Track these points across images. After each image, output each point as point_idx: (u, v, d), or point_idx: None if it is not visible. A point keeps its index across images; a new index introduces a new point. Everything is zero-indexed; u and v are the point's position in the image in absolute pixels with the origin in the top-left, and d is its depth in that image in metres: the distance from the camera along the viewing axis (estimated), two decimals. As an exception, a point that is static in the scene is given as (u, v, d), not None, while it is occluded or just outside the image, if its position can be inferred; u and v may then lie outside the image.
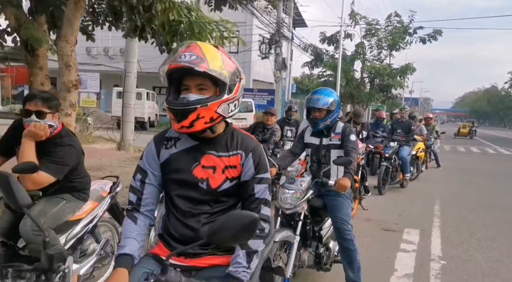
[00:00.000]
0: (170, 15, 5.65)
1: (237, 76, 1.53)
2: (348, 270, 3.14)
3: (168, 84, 1.53)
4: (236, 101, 1.55)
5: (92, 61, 29.05)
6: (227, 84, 1.46)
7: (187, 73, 1.45)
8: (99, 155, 9.30)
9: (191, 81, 1.45)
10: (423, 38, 23.18)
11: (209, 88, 1.47)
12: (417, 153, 8.99)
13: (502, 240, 4.92)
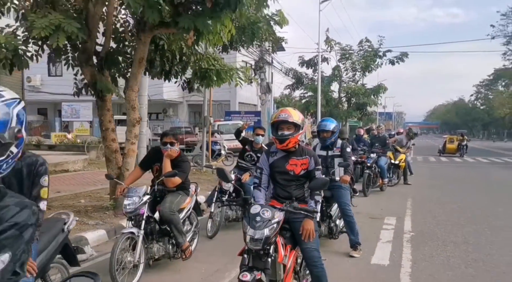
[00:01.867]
0: (201, 64, 7.49)
1: (304, 122, 3.32)
2: (350, 235, 4.93)
3: (272, 127, 3.29)
4: (304, 134, 3.33)
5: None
6: (300, 126, 3.25)
7: (283, 122, 3.22)
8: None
9: (286, 126, 3.22)
10: (392, 60, 25.75)
11: (292, 128, 3.24)
12: (400, 162, 10.97)
13: (455, 220, 6.83)
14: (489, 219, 7.00)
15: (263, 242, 2.63)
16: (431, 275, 4.25)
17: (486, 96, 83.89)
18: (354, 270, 4.40)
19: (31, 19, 5.40)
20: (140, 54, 6.57)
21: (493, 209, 7.89)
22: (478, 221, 6.83)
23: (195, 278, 4.09)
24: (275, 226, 2.70)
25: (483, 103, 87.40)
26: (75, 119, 30.12)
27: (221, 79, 7.56)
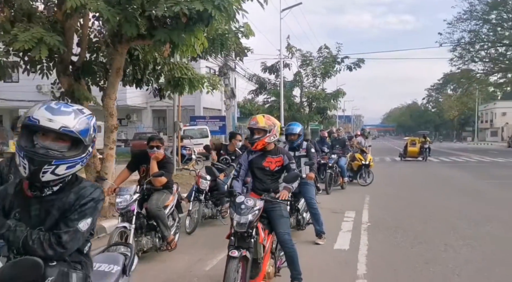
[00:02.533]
0: (174, 74, 7.96)
1: (273, 126, 3.92)
2: (316, 225, 5.60)
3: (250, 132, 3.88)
4: (273, 135, 3.91)
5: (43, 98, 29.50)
6: (267, 130, 3.83)
7: (254, 128, 3.80)
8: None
9: (256, 131, 3.80)
10: (349, 66, 27.15)
11: (261, 133, 3.83)
12: (369, 162, 11.85)
13: (405, 212, 7.72)
14: (434, 210, 7.95)
15: (247, 225, 3.20)
16: (383, 255, 4.99)
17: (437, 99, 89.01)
18: (320, 254, 5.06)
19: (14, 32, 5.68)
20: (117, 65, 6.96)
21: (441, 204, 8.88)
22: (425, 212, 7.75)
23: (180, 266, 4.58)
24: (257, 212, 3.29)
25: (434, 106, 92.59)
26: (34, 126, 29.16)
27: (194, 87, 8.07)
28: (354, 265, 4.60)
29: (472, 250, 5.21)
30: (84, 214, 1.69)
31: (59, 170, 1.66)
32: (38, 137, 1.68)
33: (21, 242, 1.60)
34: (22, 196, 1.74)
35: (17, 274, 1.47)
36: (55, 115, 1.65)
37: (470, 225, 6.69)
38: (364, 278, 4.17)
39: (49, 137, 1.68)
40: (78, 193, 1.72)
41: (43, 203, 1.72)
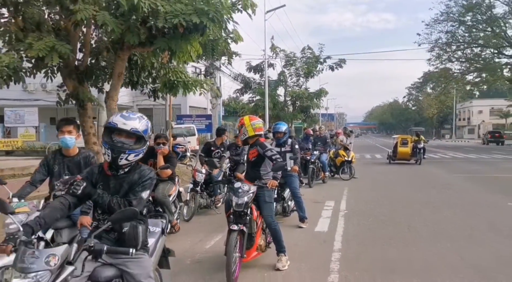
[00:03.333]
0: (170, 77, 8.67)
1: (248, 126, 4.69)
2: (299, 211, 6.44)
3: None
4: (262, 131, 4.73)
5: (29, 97, 29.53)
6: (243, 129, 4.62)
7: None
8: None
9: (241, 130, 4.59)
10: (331, 66, 28.14)
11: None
12: (352, 159, 12.73)
13: (379, 202, 8.64)
14: (404, 200, 8.91)
15: (243, 205, 4.00)
16: (356, 235, 5.86)
17: (417, 98, 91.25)
18: (303, 235, 5.90)
19: (29, 41, 6.33)
20: (118, 69, 7.65)
21: (411, 195, 9.86)
22: (395, 202, 8.70)
23: (185, 246, 5.33)
24: (251, 195, 4.10)
25: (414, 104, 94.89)
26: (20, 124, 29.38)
27: (188, 90, 8.80)
28: (331, 242, 5.45)
29: (430, 230, 6.12)
30: (144, 187, 2.48)
31: (130, 157, 2.43)
32: (115, 135, 2.44)
33: (107, 204, 2.37)
34: (104, 174, 2.51)
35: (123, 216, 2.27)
36: (127, 121, 2.41)
37: (433, 211, 7.64)
38: (339, 252, 5.02)
39: (123, 135, 2.44)
40: (140, 173, 2.50)
41: (118, 179, 2.49)
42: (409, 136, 20.00)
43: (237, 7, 7.45)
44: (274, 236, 4.44)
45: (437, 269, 4.38)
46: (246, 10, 7.54)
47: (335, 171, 12.88)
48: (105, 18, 6.51)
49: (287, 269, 4.36)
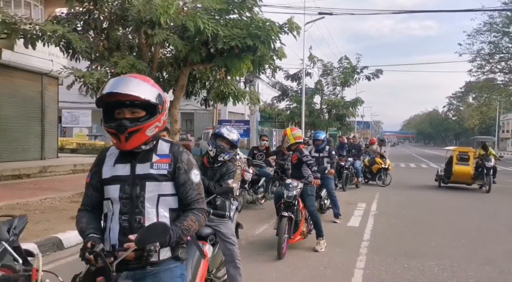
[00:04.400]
0: (223, 89, 9.93)
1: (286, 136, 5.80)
2: (334, 208, 7.45)
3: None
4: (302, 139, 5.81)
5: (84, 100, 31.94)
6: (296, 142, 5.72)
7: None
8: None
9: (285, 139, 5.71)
10: (368, 76, 28.76)
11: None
12: (388, 166, 13.44)
13: (407, 205, 9.46)
14: (431, 204, 9.66)
15: (293, 197, 5.10)
16: (383, 231, 6.79)
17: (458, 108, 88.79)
18: (337, 228, 6.90)
19: (114, 60, 7.77)
20: (181, 82, 9.00)
21: (437, 198, 10.57)
22: (422, 206, 9.48)
23: (238, 231, 6.47)
24: (299, 190, 5.19)
25: (455, 114, 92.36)
26: (75, 125, 31.96)
27: (237, 100, 10.05)
28: (361, 235, 6.43)
29: (454, 230, 6.94)
30: (229, 177, 3.63)
31: (225, 157, 3.59)
32: (219, 140, 3.60)
33: (207, 186, 3.55)
34: (203, 166, 3.69)
35: (225, 190, 3.44)
36: (230, 133, 3.58)
37: (459, 215, 8.39)
38: (367, 241, 6.00)
39: (224, 141, 3.60)
40: (227, 167, 3.65)
41: (213, 170, 3.66)
42: (470, 149, 14.15)
43: (284, 30, 8.62)
44: (315, 222, 5.51)
45: (452, 257, 5.26)
46: (292, 32, 8.72)
47: (370, 178, 13.54)
48: (175, 41, 7.88)
49: (324, 251, 5.40)
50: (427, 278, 4.46)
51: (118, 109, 1.83)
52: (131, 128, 1.80)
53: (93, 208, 1.96)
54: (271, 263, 4.86)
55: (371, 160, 13.58)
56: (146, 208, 1.85)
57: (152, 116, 1.85)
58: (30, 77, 12.38)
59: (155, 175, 1.88)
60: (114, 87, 1.79)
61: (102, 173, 1.92)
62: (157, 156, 1.91)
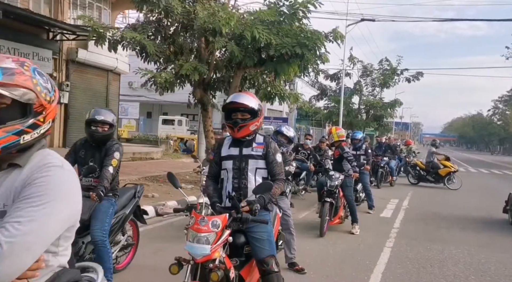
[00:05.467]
0: (270, 90, 10.97)
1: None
2: (368, 201, 8.35)
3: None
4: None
5: (133, 93, 34.05)
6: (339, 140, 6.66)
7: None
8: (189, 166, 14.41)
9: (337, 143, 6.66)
10: (408, 78, 28.88)
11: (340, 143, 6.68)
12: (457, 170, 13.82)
13: (437, 202, 10.15)
14: (460, 204, 10.29)
15: (334, 187, 6.08)
16: (412, 222, 7.63)
17: (504, 112, 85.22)
18: (370, 218, 7.80)
19: (180, 63, 8.99)
20: (235, 83, 10.13)
21: (465, 199, 11.15)
22: (450, 205, 10.14)
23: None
24: (340, 181, 6.17)
25: (500, 118, 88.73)
26: (124, 117, 34.19)
27: (283, 100, 11.08)
28: (391, 223, 7.31)
29: (477, 225, 7.65)
30: (287, 164, 4.67)
31: (284, 149, 4.62)
32: (279, 136, 4.65)
33: None
34: None
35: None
36: (288, 131, 4.61)
37: (486, 215, 9.03)
38: (396, 229, 6.88)
39: (283, 137, 4.64)
40: (284, 157, 4.69)
41: None
42: None
43: (329, 38, 9.54)
44: (351, 210, 6.47)
45: (471, 244, 6.03)
46: (336, 40, 9.62)
47: (433, 180, 13.65)
48: (233, 47, 8.98)
49: (358, 234, 6.35)
50: (445, 256, 5.33)
51: (234, 113, 2.92)
52: (241, 125, 2.88)
53: (214, 176, 3.07)
54: (314, 239, 5.88)
55: (432, 163, 13.72)
56: (248, 176, 2.93)
57: (254, 118, 2.93)
58: (99, 73, 13.99)
59: (254, 155, 2.96)
60: (234, 99, 2.90)
61: (221, 153, 3.02)
62: (255, 143, 2.99)
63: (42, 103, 1.25)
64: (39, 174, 1.19)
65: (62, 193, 1.19)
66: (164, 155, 16.30)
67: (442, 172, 13.62)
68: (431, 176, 13.79)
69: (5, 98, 1.19)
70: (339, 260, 5.04)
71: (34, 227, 1.11)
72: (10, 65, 1.22)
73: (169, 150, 17.85)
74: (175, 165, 13.77)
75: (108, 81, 14.70)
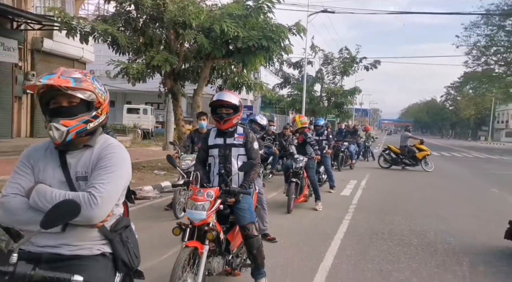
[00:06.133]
0: (237, 80, 11.53)
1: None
2: (330, 181, 9.20)
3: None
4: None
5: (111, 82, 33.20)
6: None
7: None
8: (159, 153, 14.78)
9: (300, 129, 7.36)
10: (367, 66, 30.24)
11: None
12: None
13: (391, 182, 11.21)
14: (411, 182, 11.42)
15: (299, 168, 6.79)
16: (369, 199, 8.53)
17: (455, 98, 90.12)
18: (331, 196, 8.63)
19: (151, 54, 9.34)
20: (204, 74, 10.59)
21: (417, 178, 12.33)
22: (404, 183, 11.23)
23: (254, 195, 8.20)
24: (304, 163, 6.89)
25: (452, 104, 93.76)
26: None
27: (250, 89, 11.66)
28: (350, 201, 8.18)
29: (422, 198, 8.69)
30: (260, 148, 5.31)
31: (257, 136, 5.23)
32: (253, 124, 5.24)
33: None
34: None
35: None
36: (261, 119, 5.21)
37: (432, 192, 10.15)
38: (354, 205, 7.74)
39: (257, 125, 5.24)
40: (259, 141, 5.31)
41: None
42: None
43: (293, 31, 10.18)
44: (314, 188, 7.23)
45: (417, 215, 6.98)
46: (299, 33, 10.28)
47: (414, 163, 14.49)
48: (202, 40, 9.42)
49: (321, 210, 7.13)
50: (394, 225, 6.21)
51: (219, 109, 3.50)
52: (226, 118, 3.47)
53: (203, 161, 3.65)
54: (283, 215, 6.60)
55: (407, 147, 14.59)
56: (232, 161, 3.54)
57: (236, 113, 3.52)
58: (64, 62, 13.90)
59: (236, 144, 3.56)
60: (219, 97, 3.47)
61: (208, 142, 3.60)
62: (237, 134, 3.59)
63: (99, 101, 1.80)
64: (107, 151, 1.76)
65: (123, 164, 1.77)
66: (132, 143, 16.49)
67: (419, 155, 14.49)
68: (408, 159, 14.59)
69: (77, 98, 1.73)
70: (305, 231, 5.78)
71: (112, 186, 1.68)
72: (78, 76, 1.76)
73: (137, 138, 18.01)
74: (145, 153, 14.08)
75: (74, 71, 14.62)
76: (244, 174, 3.49)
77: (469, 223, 6.65)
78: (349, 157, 14.25)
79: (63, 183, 1.74)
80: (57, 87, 1.68)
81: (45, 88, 1.71)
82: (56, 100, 1.74)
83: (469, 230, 6.18)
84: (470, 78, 62.04)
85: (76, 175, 1.75)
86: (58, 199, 1.61)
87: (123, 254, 1.79)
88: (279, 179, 10.15)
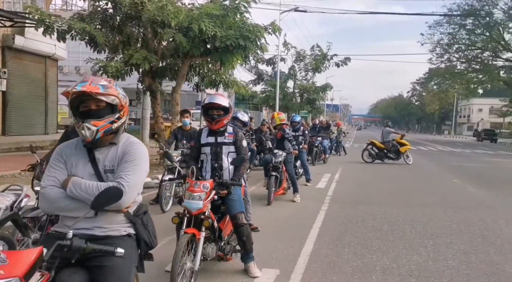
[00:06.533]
0: (215, 78, 11.78)
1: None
2: (306, 175, 9.64)
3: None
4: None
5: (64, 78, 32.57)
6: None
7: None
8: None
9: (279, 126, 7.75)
10: (337, 63, 31.05)
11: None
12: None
13: (363, 174, 11.81)
14: (382, 174, 12.07)
15: (279, 162, 7.17)
16: (343, 191, 9.05)
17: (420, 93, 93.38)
18: (307, 189, 9.08)
19: (130, 53, 9.45)
20: (182, 72, 10.79)
21: (387, 172, 13.03)
22: (374, 175, 11.87)
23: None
24: (283, 157, 7.27)
25: (417, 99, 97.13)
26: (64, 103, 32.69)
27: (228, 87, 11.94)
28: (325, 192, 8.66)
29: (392, 189, 9.28)
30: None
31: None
32: (235, 121, 5.55)
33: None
34: None
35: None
36: (243, 116, 5.52)
37: (399, 183, 10.80)
38: (330, 196, 8.22)
39: (239, 121, 5.56)
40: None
41: None
42: None
43: (269, 31, 10.52)
44: (292, 181, 7.65)
45: (388, 205, 7.52)
46: (274, 33, 10.64)
47: (395, 157, 15.11)
48: (181, 39, 9.61)
49: (299, 202, 7.55)
50: (367, 214, 6.71)
51: (210, 110, 3.81)
52: (217, 119, 3.78)
53: (195, 158, 3.95)
54: (263, 207, 6.97)
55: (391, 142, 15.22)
56: (223, 158, 3.86)
57: (226, 114, 3.84)
58: (36, 60, 13.73)
59: (226, 142, 3.89)
60: (211, 100, 3.79)
61: (201, 141, 3.91)
62: (227, 133, 3.92)
63: (122, 104, 2.10)
64: (130, 147, 2.06)
65: (144, 158, 2.07)
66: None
67: (402, 149, 15.12)
68: (392, 153, 15.19)
69: (104, 102, 2.02)
70: (285, 221, 6.18)
71: (136, 177, 1.98)
72: (105, 83, 2.04)
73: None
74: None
75: (46, 68, 14.44)
76: (234, 168, 3.83)
77: (433, 211, 7.25)
78: (322, 152, 14.81)
79: (92, 175, 2.03)
80: (88, 93, 1.95)
81: (76, 94, 1.98)
82: (86, 104, 2.02)
83: (433, 217, 6.76)
84: (434, 75, 64.40)
85: (104, 168, 2.05)
86: (91, 189, 1.90)
87: (145, 235, 2.10)
88: (257, 174, 10.53)
